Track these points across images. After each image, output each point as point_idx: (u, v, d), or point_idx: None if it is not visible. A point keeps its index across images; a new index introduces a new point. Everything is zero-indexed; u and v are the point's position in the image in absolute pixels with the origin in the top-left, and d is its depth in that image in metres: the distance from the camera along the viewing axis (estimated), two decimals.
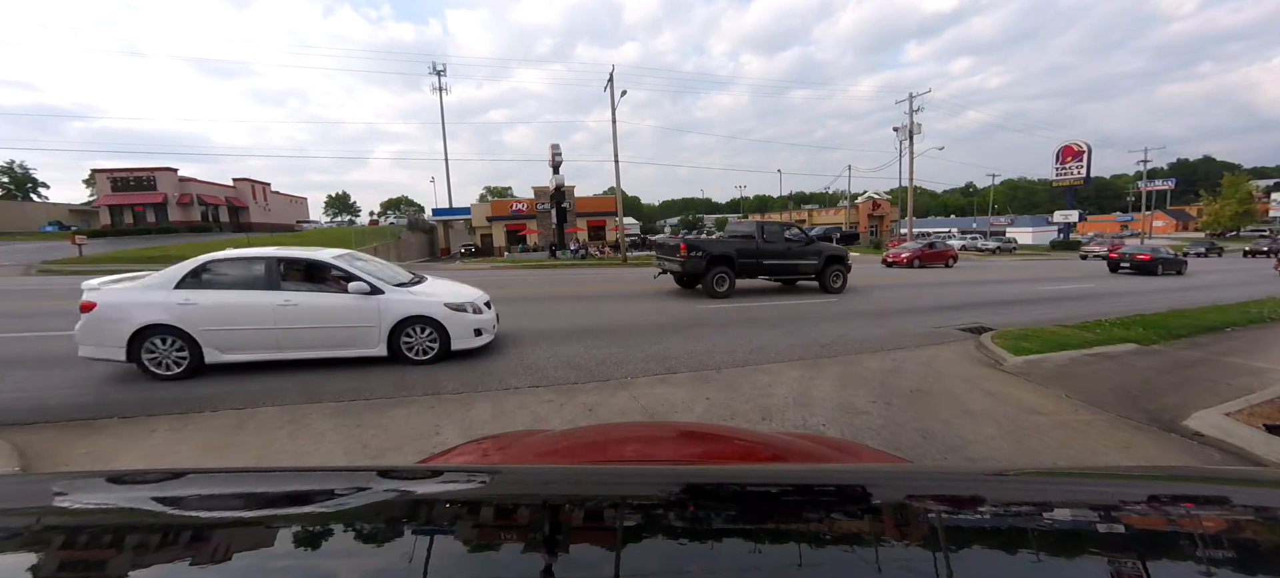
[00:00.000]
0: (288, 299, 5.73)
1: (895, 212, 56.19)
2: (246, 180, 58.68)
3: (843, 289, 13.60)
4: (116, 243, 35.15)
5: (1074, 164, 51.35)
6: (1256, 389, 5.00)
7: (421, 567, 0.53)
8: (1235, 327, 8.39)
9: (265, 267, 5.81)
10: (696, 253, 12.03)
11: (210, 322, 5.49)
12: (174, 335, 5.41)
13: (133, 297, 5.46)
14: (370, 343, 5.97)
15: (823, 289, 13.46)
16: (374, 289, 6.00)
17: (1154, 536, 0.65)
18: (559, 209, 35.37)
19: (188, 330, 5.42)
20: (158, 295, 5.46)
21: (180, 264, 5.72)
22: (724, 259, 12.24)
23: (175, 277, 5.56)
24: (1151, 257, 21.27)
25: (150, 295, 5.47)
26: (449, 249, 45.35)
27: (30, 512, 0.67)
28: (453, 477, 0.96)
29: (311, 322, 5.78)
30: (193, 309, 5.46)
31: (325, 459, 3.74)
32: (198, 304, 5.48)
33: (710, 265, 12.02)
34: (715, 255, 12.14)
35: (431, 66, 48.59)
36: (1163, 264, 21.08)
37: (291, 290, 5.83)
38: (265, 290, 5.72)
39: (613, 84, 29.05)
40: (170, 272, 5.63)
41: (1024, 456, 3.89)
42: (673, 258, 12.49)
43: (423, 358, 6.09)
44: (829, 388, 5.35)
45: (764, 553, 0.58)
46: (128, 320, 5.33)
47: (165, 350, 5.43)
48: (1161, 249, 22.78)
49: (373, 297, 5.97)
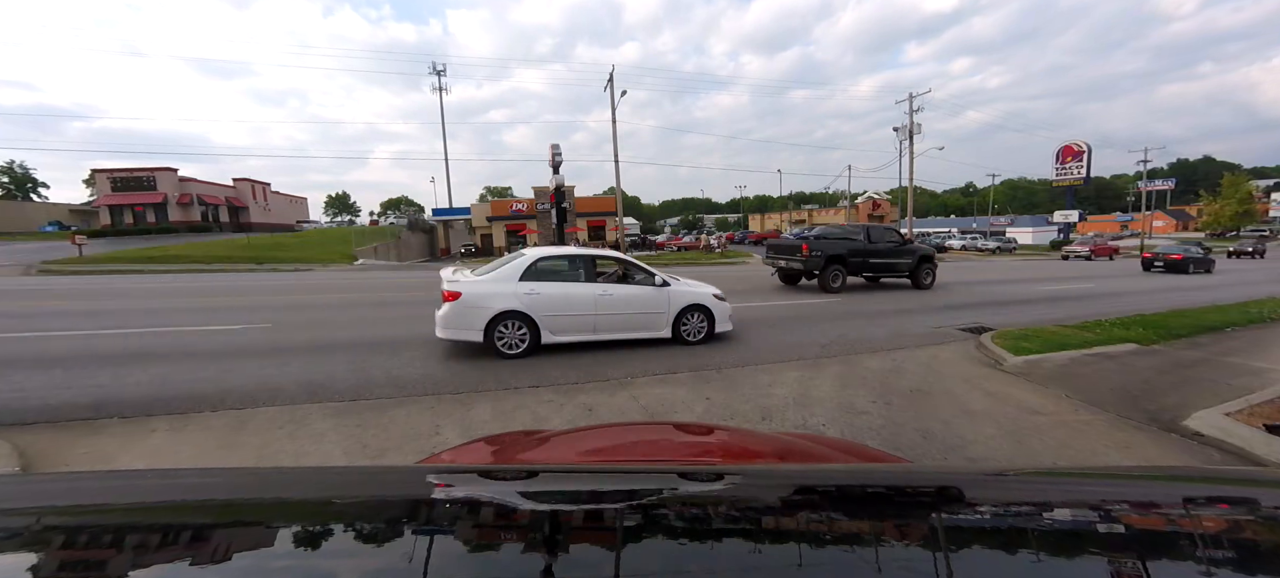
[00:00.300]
0: (604, 290, 6.87)
1: (895, 211, 56.19)
2: (246, 180, 58.68)
3: (932, 286, 14.61)
4: (116, 243, 35.13)
5: (1074, 164, 51.41)
6: (1256, 389, 5.00)
7: (421, 567, 0.53)
8: (1235, 327, 8.39)
9: (583, 264, 6.98)
10: (816, 252, 13.25)
11: (548, 309, 6.50)
12: (520, 321, 6.39)
13: (491, 288, 6.44)
14: (660, 327, 7.09)
15: (914, 286, 14.47)
16: (664, 282, 7.17)
17: (1154, 536, 0.65)
18: (559, 209, 35.34)
19: (531, 316, 6.41)
20: (509, 287, 6.44)
21: (517, 261, 6.72)
22: (838, 258, 13.45)
23: (518, 271, 6.57)
24: (1184, 256, 22.23)
25: (503, 287, 6.44)
26: (449, 249, 45.31)
27: (30, 512, 0.67)
28: (453, 477, 0.96)
29: (621, 309, 6.89)
30: (535, 298, 6.46)
31: (325, 459, 3.74)
32: (538, 294, 6.50)
33: (827, 263, 13.23)
34: (831, 255, 13.34)
35: (431, 66, 48.66)
36: (1194, 263, 22.07)
37: (606, 283, 7.08)
38: (586, 283, 6.85)
39: (613, 84, 29.05)
40: (511, 267, 6.65)
41: (1024, 456, 3.89)
42: (794, 256, 13.72)
43: (695, 339, 7.18)
44: (829, 388, 5.35)
45: (764, 553, 0.57)
46: (487, 308, 6.28)
47: (511, 333, 6.39)
48: (1191, 249, 23.85)
49: (664, 289, 7.11)
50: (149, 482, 0.83)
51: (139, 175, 48.47)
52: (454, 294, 6.25)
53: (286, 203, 68.57)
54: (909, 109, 36.76)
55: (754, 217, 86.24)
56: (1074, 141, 51.45)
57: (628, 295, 6.97)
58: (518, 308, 6.36)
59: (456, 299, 6.24)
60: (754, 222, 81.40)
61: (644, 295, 7.03)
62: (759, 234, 60.76)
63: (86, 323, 8.52)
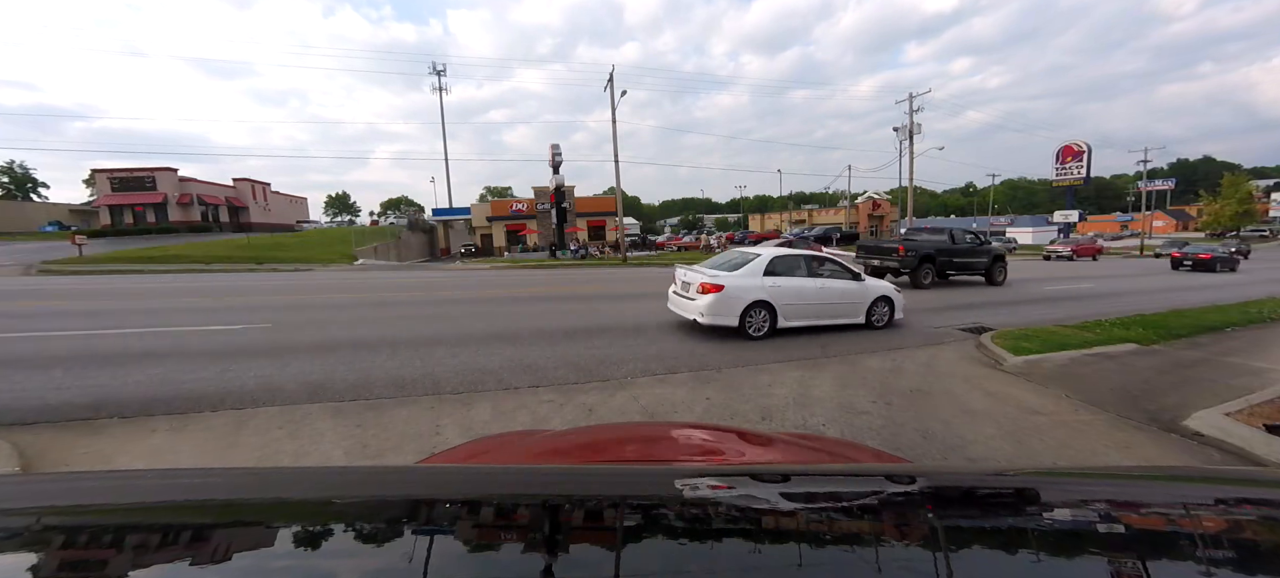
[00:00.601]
0: (823, 284, 8.20)
1: (895, 212, 56.20)
2: (246, 180, 58.65)
3: (1004, 283, 16.04)
4: (116, 243, 35.13)
5: (1074, 164, 51.43)
6: (1256, 389, 5.00)
7: (421, 567, 0.53)
8: (1235, 327, 8.39)
9: (807, 262, 8.35)
10: (911, 252, 14.65)
11: (785, 299, 7.78)
12: (764, 308, 7.62)
13: (745, 282, 7.64)
14: (858, 315, 8.44)
15: (989, 283, 15.80)
16: (862, 278, 8.64)
17: (1154, 536, 0.65)
18: (559, 209, 35.39)
19: (773, 304, 7.67)
20: (756, 281, 7.68)
21: (757, 259, 8.00)
22: (929, 257, 14.75)
23: (762, 267, 7.87)
24: (1212, 256, 24.36)
25: (752, 281, 7.68)
26: (449, 249, 45.31)
27: (30, 512, 0.67)
28: (453, 477, 0.96)
29: (835, 299, 8.26)
30: (776, 289, 7.75)
31: (325, 459, 3.74)
32: (778, 286, 7.78)
33: (920, 262, 14.52)
34: (923, 254, 14.71)
35: (431, 67, 48.66)
36: (1220, 262, 24.21)
37: (823, 278, 8.28)
38: (810, 278, 8.15)
39: (613, 84, 29.05)
40: (755, 264, 7.91)
41: (1024, 456, 3.89)
42: (888, 256, 15.06)
43: (880, 324, 8.51)
44: (829, 388, 5.35)
45: (764, 553, 0.57)
46: (742, 299, 7.50)
47: (757, 319, 7.60)
48: (1218, 249, 25.81)
49: (862, 283, 8.55)
50: (149, 482, 0.83)
51: (139, 175, 48.45)
52: (716, 287, 7.44)
53: (286, 203, 68.54)
54: (909, 109, 36.76)
55: (754, 217, 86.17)
56: (1074, 142, 51.50)
57: (840, 288, 8.35)
58: (764, 298, 7.63)
59: (719, 291, 7.42)
60: (754, 222, 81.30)
61: (851, 288, 8.43)
62: (759, 234, 60.68)
63: (86, 323, 8.52)
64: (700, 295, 7.53)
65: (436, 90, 49.16)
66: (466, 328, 8.37)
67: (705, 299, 7.44)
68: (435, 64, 48.57)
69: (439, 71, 48.80)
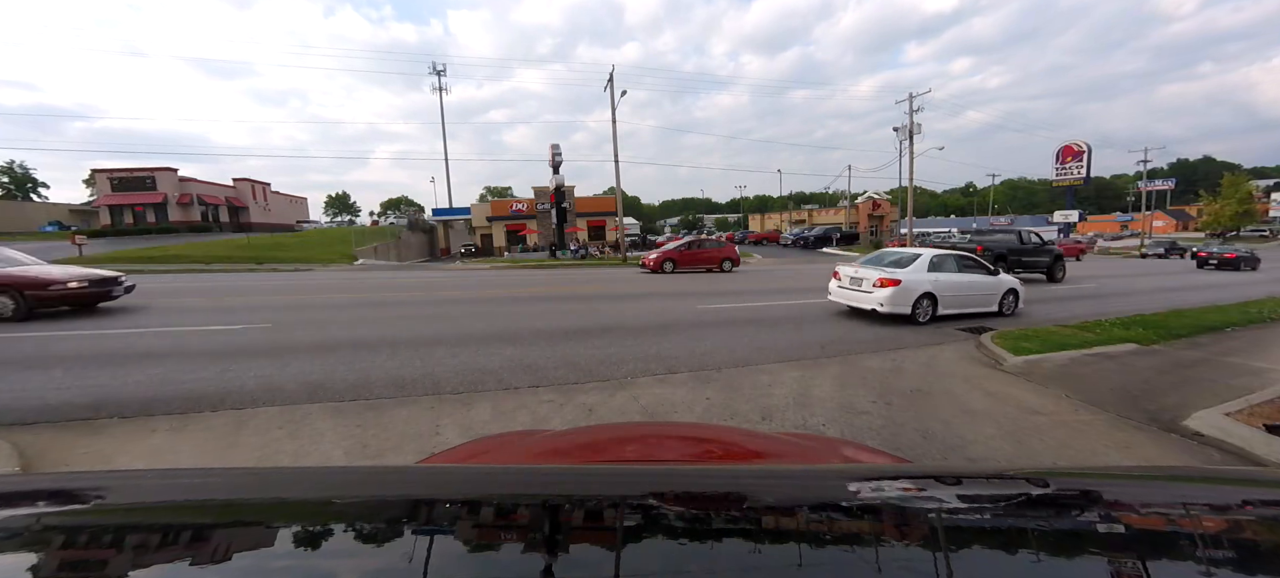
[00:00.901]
0: (971, 278, 9.83)
1: (895, 212, 56.16)
2: (246, 180, 58.65)
3: (1063, 280, 17.70)
4: (116, 243, 35.13)
5: (1074, 164, 51.31)
6: (1256, 389, 5.00)
7: (421, 567, 0.53)
8: (1235, 327, 8.39)
9: (957, 259, 9.90)
10: (988, 251, 16.01)
11: (944, 290, 9.30)
12: (929, 299, 9.09)
13: (916, 277, 9.09)
14: (992, 304, 10.10)
15: (1049, 280, 17.34)
16: (997, 273, 10.38)
17: (1154, 536, 0.65)
18: (559, 209, 35.35)
19: (936, 295, 9.16)
20: (923, 276, 9.14)
21: (922, 257, 9.48)
22: (1002, 257, 16.31)
23: (925, 264, 9.33)
24: (1237, 255, 26.80)
25: (921, 276, 9.11)
26: (449, 249, 45.31)
27: (30, 512, 0.67)
28: (453, 477, 0.96)
29: (979, 290, 9.91)
30: (939, 283, 9.26)
31: (325, 459, 3.74)
32: (938, 280, 9.27)
33: (995, 261, 15.28)
34: (998, 254, 16.34)
35: (432, 67, 48.61)
36: (1243, 261, 26.72)
37: (970, 273, 9.89)
38: (961, 273, 9.73)
39: (613, 84, 29.05)
40: (920, 261, 9.37)
41: (1024, 456, 3.89)
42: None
43: (1009, 312, 10.19)
44: (829, 388, 5.35)
45: (764, 553, 0.57)
46: (914, 290, 8.96)
47: (924, 307, 9.06)
48: (1242, 250, 27.92)
49: (998, 277, 10.27)
50: (149, 482, 0.83)
51: (139, 175, 48.45)
52: (894, 282, 8.85)
53: (286, 203, 68.53)
54: (909, 109, 36.74)
55: (754, 217, 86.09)
56: (1074, 141, 51.36)
57: (984, 282, 9.98)
58: (930, 290, 9.09)
59: (897, 285, 8.83)
60: (754, 222, 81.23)
61: (990, 281, 10.06)
62: (759, 234, 60.64)
63: (85, 322, 8.52)
64: (878, 289, 8.94)
65: (436, 90, 49.14)
66: (466, 328, 8.37)
67: (884, 291, 8.86)
68: (435, 64, 48.54)
69: (439, 72, 48.77)
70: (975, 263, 10.15)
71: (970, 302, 9.74)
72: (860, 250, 39.44)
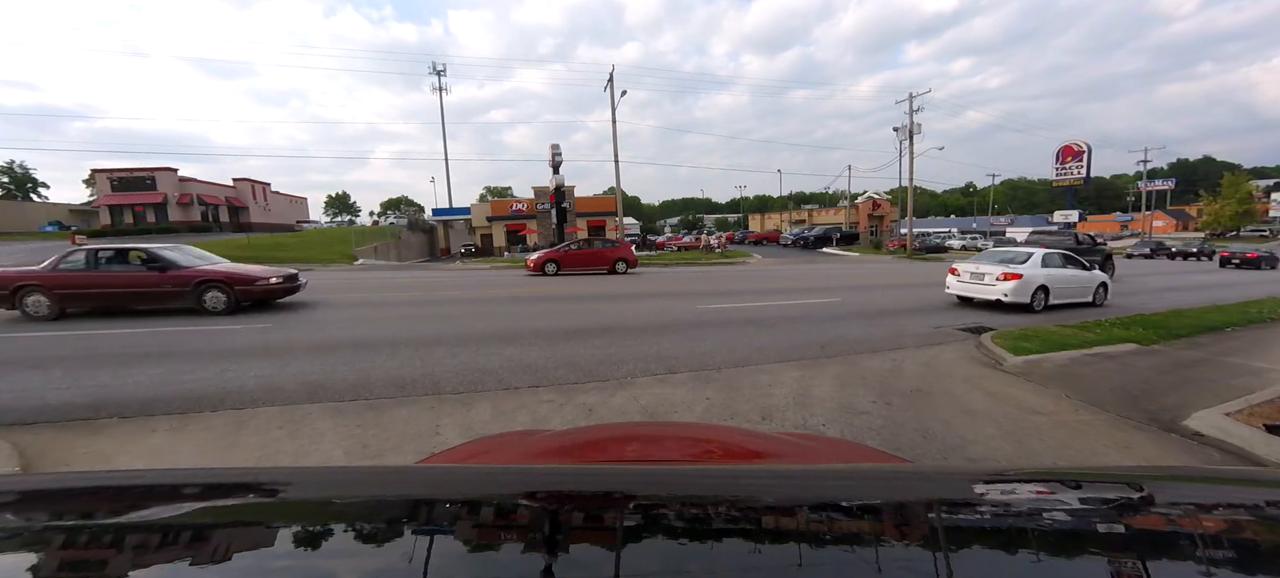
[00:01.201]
0: (1074, 273, 11.53)
1: (895, 211, 56.16)
2: (246, 180, 58.66)
3: (1113, 276, 18.32)
4: (116, 243, 35.10)
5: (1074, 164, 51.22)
6: (1256, 389, 5.00)
7: (421, 567, 0.53)
8: (1235, 327, 8.39)
9: (1062, 256, 11.55)
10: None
11: (1054, 283, 10.92)
12: (1043, 291, 10.64)
13: (1034, 272, 10.61)
14: (1087, 295, 11.76)
15: None
16: (1092, 267, 12.30)
17: (1154, 536, 0.65)
18: (559, 209, 35.30)
19: (1049, 287, 10.72)
20: (1038, 270, 10.71)
21: (1036, 254, 11.01)
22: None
23: (1039, 260, 10.87)
24: (1258, 255, 27.99)
25: (1037, 270, 10.68)
26: (449, 249, 45.28)
27: (30, 512, 0.67)
28: (453, 477, 0.96)
29: (1080, 283, 11.60)
30: (1052, 277, 10.89)
31: (325, 459, 3.74)
32: (1051, 275, 10.90)
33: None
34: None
35: (432, 67, 48.55)
36: (1265, 261, 27.89)
37: (1073, 268, 11.58)
38: (1066, 267, 11.39)
39: (613, 84, 29.07)
40: (1036, 258, 10.90)
41: (1024, 456, 3.89)
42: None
43: (1100, 303, 11.81)
44: (829, 388, 5.35)
45: (764, 553, 0.57)
46: (1033, 283, 10.52)
47: (1039, 298, 10.59)
48: (1264, 250, 29.03)
49: (1093, 271, 12.07)
50: (149, 482, 0.83)
51: (139, 175, 48.47)
52: (1017, 276, 10.36)
53: (286, 203, 68.54)
54: (909, 109, 36.76)
55: (754, 217, 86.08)
56: (1074, 141, 51.24)
57: (1083, 276, 11.68)
58: (1045, 282, 10.64)
59: (1019, 279, 10.34)
60: (754, 222, 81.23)
61: (1087, 276, 11.78)
62: (759, 234, 60.63)
63: (85, 322, 8.52)
64: (1000, 282, 10.43)
65: (437, 90, 49.07)
66: (466, 328, 8.37)
67: (1008, 284, 10.34)
68: (435, 64, 48.43)
69: (439, 72, 48.70)
70: (1075, 259, 11.72)
71: (1073, 293, 11.27)
72: (860, 250, 39.46)
